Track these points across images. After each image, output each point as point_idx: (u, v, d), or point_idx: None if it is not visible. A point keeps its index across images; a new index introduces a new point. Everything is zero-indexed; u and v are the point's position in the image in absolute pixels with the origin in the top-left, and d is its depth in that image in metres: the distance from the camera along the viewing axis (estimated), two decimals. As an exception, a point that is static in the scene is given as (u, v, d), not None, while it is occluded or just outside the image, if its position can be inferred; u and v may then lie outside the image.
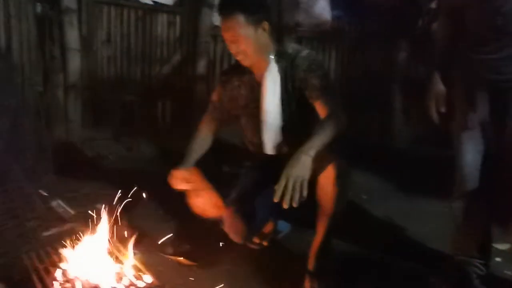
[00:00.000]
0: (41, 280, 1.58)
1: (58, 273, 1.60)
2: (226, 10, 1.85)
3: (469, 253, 1.81)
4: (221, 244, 2.00)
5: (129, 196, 2.09)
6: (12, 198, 2.24)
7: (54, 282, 1.57)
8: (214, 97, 2.12)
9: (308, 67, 1.86)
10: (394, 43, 4.34)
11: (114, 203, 2.49)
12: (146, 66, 3.95)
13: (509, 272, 2.02)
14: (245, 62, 1.91)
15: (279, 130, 1.96)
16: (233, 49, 1.87)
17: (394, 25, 4.24)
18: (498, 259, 2.10)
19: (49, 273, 1.61)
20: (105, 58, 3.78)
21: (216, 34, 4.04)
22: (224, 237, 1.95)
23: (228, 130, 2.24)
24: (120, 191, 2.07)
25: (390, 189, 3.12)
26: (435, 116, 1.87)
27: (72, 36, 3.47)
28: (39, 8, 3.33)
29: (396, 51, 4.35)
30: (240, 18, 1.81)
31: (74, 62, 3.51)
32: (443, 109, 1.84)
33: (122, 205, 2.08)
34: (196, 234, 2.16)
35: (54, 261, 1.68)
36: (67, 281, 1.56)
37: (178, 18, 3.97)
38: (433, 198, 2.76)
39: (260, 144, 2.01)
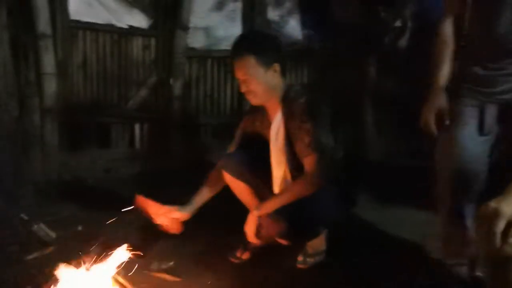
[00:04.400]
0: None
1: (45, 294, 1.62)
2: (238, 50, 1.94)
3: (460, 256, 1.84)
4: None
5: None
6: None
7: (41, 303, 1.59)
8: (237, 137, 2.19)
9: (301, 116, 1.90)
10: (363, 60, 4.50)
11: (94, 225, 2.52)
12: (122, 89, 3.99)
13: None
14: (254, 101, 1.99)
15: (285, 171, 2.03)
16: (243, 88, 1.95)
17: (363, 42, 4.40)
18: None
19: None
20: (81, 82, 3.81)
21: (191, 55, 4.13)
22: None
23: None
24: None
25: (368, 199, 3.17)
26: (433, 128, 1.79)
27: (48, 61, 3.48)
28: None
29: (366, 67, 4.51)
30: (251, 59, 1.90)
31: (50, 86, 3.51)
32: (447, 122, 1.77)
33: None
34: (179, 250, 2.20)
35: (40, 283, 1.70)
36: (55, 301, 1.58)
37: (153, 41, 4.04)
38: (409, 207, 2.86)
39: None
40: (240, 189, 2.12)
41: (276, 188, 2.08)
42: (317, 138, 1.88)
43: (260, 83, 1.92)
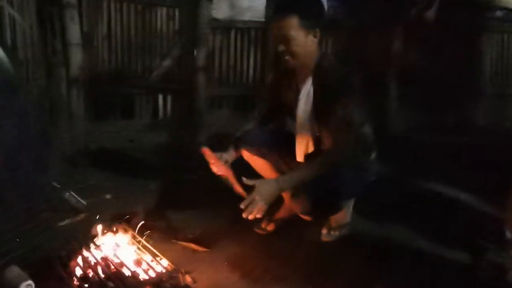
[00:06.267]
0: (64, 266, 1.66)
1: (79, 260, 1.69)
2: (282, 9, 1.87)
3: None
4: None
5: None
6: (26, 190, 2.31)
7: (76, 268, 1.65)
8: (265, 95, 2.20)
9: (334, 90, 1.85)
10: (389, 31, 4.41)
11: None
12: (146, 60, 4.00)
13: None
14: (289, 64, 1.91)
15: (309, 141, 2.01)
16: (280, 48, 1.88)
17: (389, 13, 4.31)
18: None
19: (71, 259, 1.69)
20: (106, 52, 3.83)
21: (214, 26, 4.10)
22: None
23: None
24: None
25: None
26: None
27: (74, 31, 3.49)
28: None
29: (391, 39, 4.42)
30: (294, 20, 1.83)
31: (76, 56, 3.54)
32: None
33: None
34: (205, 220, 2.24)
35: (74, 249, 1.76)
36: (89, 267, 1.64)
37: (177, 12, 4.02)
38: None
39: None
40: (260, 165, 2.13)
41: (299, 158, 2.07)
42: (351, 112, 1.85)
43: (299, 46, 1.86)
